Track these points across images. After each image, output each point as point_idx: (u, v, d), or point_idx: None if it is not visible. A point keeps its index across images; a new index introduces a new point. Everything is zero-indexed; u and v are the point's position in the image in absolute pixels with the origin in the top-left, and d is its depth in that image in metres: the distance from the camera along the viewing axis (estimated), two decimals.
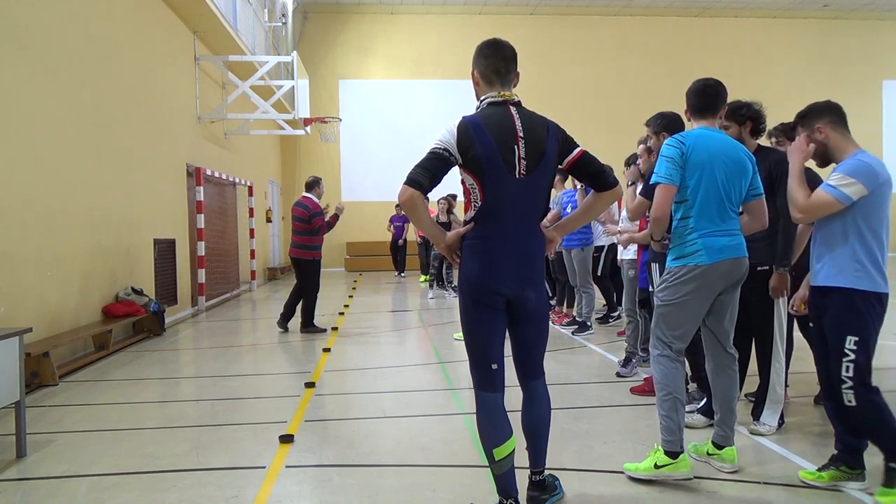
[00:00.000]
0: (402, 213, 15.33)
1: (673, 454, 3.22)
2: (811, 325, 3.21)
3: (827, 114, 3.06)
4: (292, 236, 8.21)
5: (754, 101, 4.00)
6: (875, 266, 2.93)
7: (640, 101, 17.67)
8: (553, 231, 2.89)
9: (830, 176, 2.97)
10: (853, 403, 2.94)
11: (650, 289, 4.44)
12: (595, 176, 2.79)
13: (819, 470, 3.17)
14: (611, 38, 20.77)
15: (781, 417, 3.99)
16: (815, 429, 4.14)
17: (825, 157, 3.10)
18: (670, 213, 3.31)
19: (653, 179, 3.29)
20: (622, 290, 7.36)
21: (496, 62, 2.74)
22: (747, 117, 4.01)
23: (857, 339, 2.92)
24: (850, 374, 2.93)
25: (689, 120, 3.47)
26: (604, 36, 20.75)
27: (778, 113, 4.88)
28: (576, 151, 2.77)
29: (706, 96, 3.38)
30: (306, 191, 8.23)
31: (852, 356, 2.92)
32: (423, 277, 15.20)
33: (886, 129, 21.99)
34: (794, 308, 3.84)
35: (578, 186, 7.68)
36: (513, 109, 2.71)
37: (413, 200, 2.57)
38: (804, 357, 4.51)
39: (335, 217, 8.17)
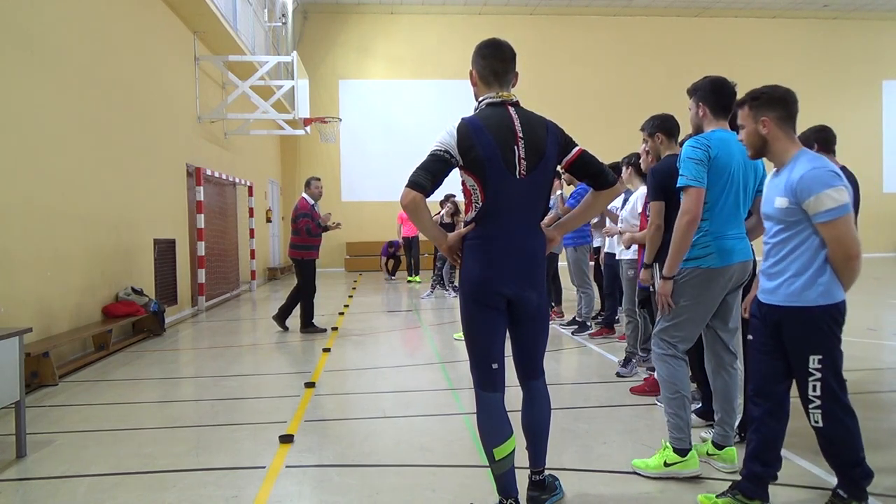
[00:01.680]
0: (394, 250, 15.61)
1: (682, 451, 3.23)
2: (750, 336, 2.99)
3: (778, 107, 2.76)
4: (290, 237, 8.27)
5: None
6: (832, 275, 2.70)
7: (640, 101, 17.70)
8: (553, 231, 2.90)
9: (820, 200, 2.61)
10: (820, 424, 2.73)
11: (650, 289, 4.44)
12: (594, 175, 2.79)
13: (718, 497, 2.92)
14: (610, 38, 20.78)
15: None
16: None
17: (761, 151, 2.84)
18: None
19: (680, 182, 3.21)
20: (606, 292, 7.34)
21: (494, 63, 2.74)
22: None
23: (820, 356, 2.70)
24: (818, 392, 2.71)
25: (701, 116, 3.43)
26: (603, 36, 20.75)
27: None
28: (574, 151, 2.77)
29: (727, 96, 3.34)
30: (304, 191, 8.27)
31: (818, 375, 2.71)
32: (410, 278, 15.26)
33: (886, 129, 22.01)
34: (747, 312, 3.78)
35: (559, 192, 7.70)
36: (512, 110, 2.72)
37: (416, 203, 2.58)
38: None
39: (325, 227, 8.19)
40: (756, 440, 2.85)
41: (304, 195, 8.19)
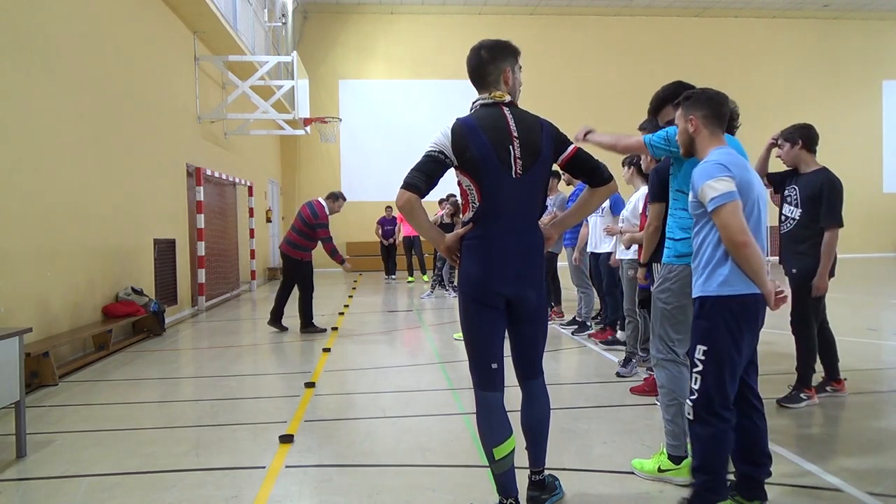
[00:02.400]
0: (392, 216, 15.56)
1: (677, 459, 3.22)
2: None
3: (705, 107, 2.83)
4: (289, 232, 8.16)
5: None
6: (735, 266, 2.67)
7: (640, 101, 17.62)
8: (550, 229, 2.90)
9: (704, 191, 2.67)
10: (691, 417, 2.74)
11: (650, 288, 4.43)
12: (590, 172, 2.80)
13: None
14: (611, 38, 20.79)
15: None
16: (815, 429, 4.15)
17: (689, 149, 2.92)
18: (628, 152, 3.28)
19: (647, 137, 3.33)
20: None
21: (473, 69, 2.78)
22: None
23: (705, 348, 2.69)
24: (697, 386, 2.71)
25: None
26: (604, 36, 20.76)
27: (778, 113, 4.90)
28: (570, 149, 2.79)
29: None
30: (324, 198, 8.19)
31: (700, 367, 2.70)
32: (409, 279, 15.30)
33: (886, 129, 22.01)
34: None
35: (560, 195, 7.69)
36: (506, 110, 2.73)
37: (411, 204, 2.59)
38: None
39: (341, 259, 8.22)
40: (734, 441, 2.82)
41: (324, 203, 8.11)
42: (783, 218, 4.64)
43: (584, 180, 2.84)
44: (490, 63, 2.76)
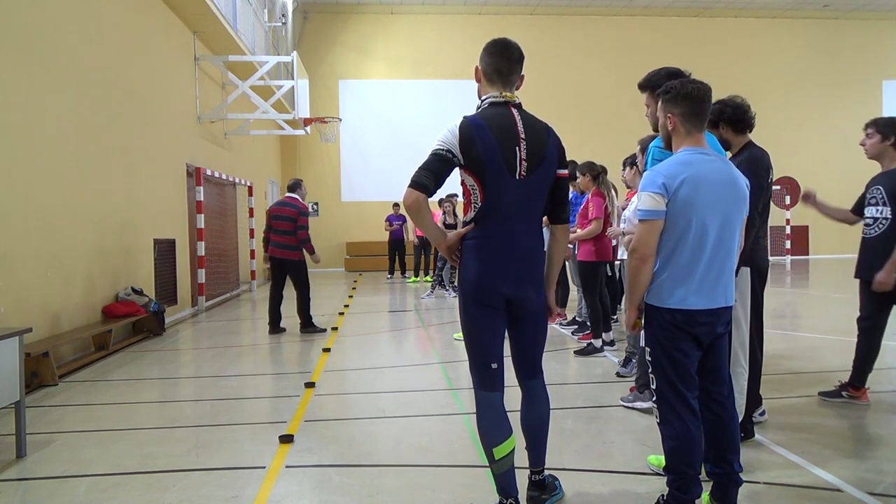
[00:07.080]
0: (399, 213, 15.49)
1: None
2: None
3: (683, 104, 2.72)
4: (275, 237, 7.98)
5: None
6: (670, 280, 2.69)
7: (639, 101, 17.62)
8: (551, 303, 2.89)
9: (639, 200, 2.76)
10: (657, 418, 2.78)
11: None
12: (561, 203, 2.82)
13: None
14: (611, 38, 20.78)
15: None
16: (815, 429, 4.15)
17: (669, 144, 2.86)
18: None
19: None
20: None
21: (499, 62, 2.74)
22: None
23: (649, 349, 2.77)
24: (655, 386, 2.76)
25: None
26: (604, 36, 20.75)
27: (778, 113, 4.87)
28: (562, 171, 2.80)
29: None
30: (290, 192, 8.20)
31: (650, 367, 2.77)
32: (412, 279, 15.26)
33: None
34: None
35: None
36: (514, 111, 2.72)
37: (419, 203, 2.59)
38: (805, 356, 4.52)
39: (313, 249, 8.11)
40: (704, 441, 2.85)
41: (297, 196, 8.13)
42: (869, 221, 4.33)
43: (549, 210, 2.82)
44: (518, 63, 2.76)
